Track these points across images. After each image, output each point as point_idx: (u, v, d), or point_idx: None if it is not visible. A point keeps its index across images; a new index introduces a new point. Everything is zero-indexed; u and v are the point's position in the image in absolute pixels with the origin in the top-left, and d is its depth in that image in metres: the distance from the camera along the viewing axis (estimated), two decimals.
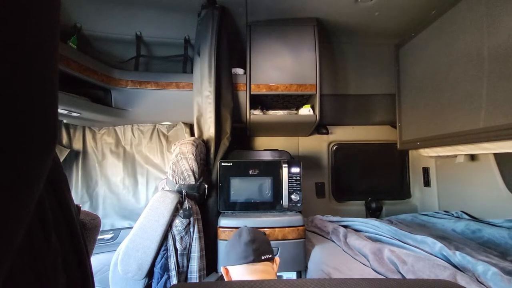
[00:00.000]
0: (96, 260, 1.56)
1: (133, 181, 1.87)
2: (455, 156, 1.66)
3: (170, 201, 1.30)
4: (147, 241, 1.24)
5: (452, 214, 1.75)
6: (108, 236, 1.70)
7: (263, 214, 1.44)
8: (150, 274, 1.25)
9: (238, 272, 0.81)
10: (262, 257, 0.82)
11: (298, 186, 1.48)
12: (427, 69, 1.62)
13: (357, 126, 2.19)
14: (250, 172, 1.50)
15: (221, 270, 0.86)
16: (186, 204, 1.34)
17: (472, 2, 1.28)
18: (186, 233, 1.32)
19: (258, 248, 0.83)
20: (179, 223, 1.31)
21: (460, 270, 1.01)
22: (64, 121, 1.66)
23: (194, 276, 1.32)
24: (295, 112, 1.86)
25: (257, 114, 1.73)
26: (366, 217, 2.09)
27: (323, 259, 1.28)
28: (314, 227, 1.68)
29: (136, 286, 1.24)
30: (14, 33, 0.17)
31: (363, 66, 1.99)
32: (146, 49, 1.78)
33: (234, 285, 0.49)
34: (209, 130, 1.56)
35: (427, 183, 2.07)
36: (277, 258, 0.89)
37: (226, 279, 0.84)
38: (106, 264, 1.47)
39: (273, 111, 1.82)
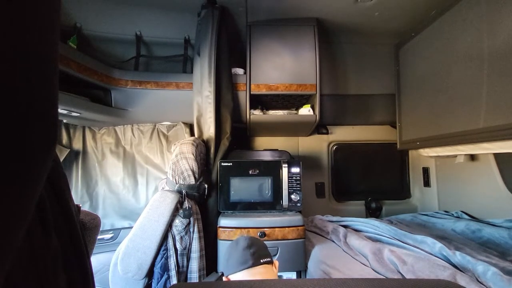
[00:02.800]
0: (96, 260, 1.56)
1: (133, 181, 1.87)
2: (455, 156, 1.65)
3: (170, 201, 1.30)
4: (147, 241, 1.24)
5: (452, 214, 1.75)
6: (108, 236, 1.70)
7: (263, 214, 1.44)
8: (150, 274, 1.25)
9: (239, 278, 0.81)
10: (261, 261, 0.82)
11: (298, 186, 1.48)
12: (427, 69, 1.62)
13: (357, 126, 2.19)
14: (250, 172, 1.50)
15: (223, 280, 0.86)
16: (186, 204, 1.34)
17: (472, 2, 1.28)
18: (186, 233, 1.32)
19: (256, 252, 0.84)
20: (179, 223, 1.31)
21: (460, 270, 1.01)
22: (64, 121, 1.66)
23: (194, 276, 1.32)
24: (295, 112, 1.86)
25: (257, 114, 1.73)
26: (366, 217, 2.09)
27: (323, 259, 1.28)
28: (314, 227, 1.68)
29: (136, 286, 1.24)
30: (14, 33, 0.17)
31: (363, 66, 1.99)
32: (146, 49, 1.78)
33: (234, 285, 0.49)
34: (209, 130, 1.56)
35: (427, 183, 2.07)
36: (276, 262, 0.89)
37: None
38: (106, 264, 1.46)
39: (273, 111, 1.82)
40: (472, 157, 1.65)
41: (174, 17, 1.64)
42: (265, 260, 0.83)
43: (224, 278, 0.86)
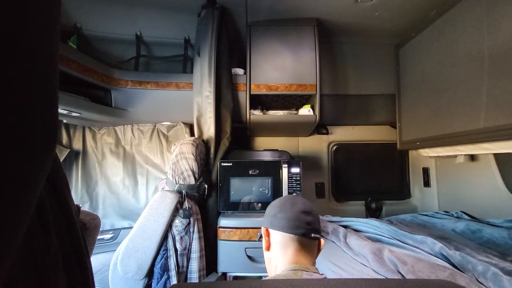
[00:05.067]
0: (96, 260, 1.56)
1: (133, 181, 1.87)
2: (455, 156, 1.65)
3: (170, 201, 1.30)
4: (147, 241, 1.24)
5: (452, 214, 1.75)
6: (108, 236, 1.70)
7: (263, 214, 1.43)
8: (150, 274, 1.25)
9: (281, 238, 0.73)
10: (312, 235, 0.73)
11: (298, 186, 1.48)
12: (427, 69, 1.62)
13: (357, 126, 2.19)
14: (250, 172, 1.50)
15: (262, 230, 0.78)
16: (186, 204, 1.34)
17: (472, 2, 1.28)
18: (186, 233, 1.32)
19: (312, 223, 0.74)
20: (179, 223, 1.31)
21: (460, 270, 1.01)
22: (64, 121, 1.66)
23: (194, 276, 1.32)
24: (295, 112, 1.86)
25: (257, 114, 1.73)
26: (366, 217, 2.09)
27: (323, 259, 1.28)
28: None
29: (136, 286, 1.24)
30: (14, 33, 0.17)
31: (363, 66, 1.99)
32: (146, 49, 1.78)
33: (234, 285, 0.49)
34: (209, 130, 1.56)
35: (427, 183, 2.07)
36: (322, 240, 0.80)
37: (264, 238, 0.77)
38: (106, 264, 1.46)
39: (273, 111, 1.82)
40: (472, 157, 1.65)
41: (174, 17, 1.64)
42: (315, 236, 0.74)
43: (263, 229, 0.78)
